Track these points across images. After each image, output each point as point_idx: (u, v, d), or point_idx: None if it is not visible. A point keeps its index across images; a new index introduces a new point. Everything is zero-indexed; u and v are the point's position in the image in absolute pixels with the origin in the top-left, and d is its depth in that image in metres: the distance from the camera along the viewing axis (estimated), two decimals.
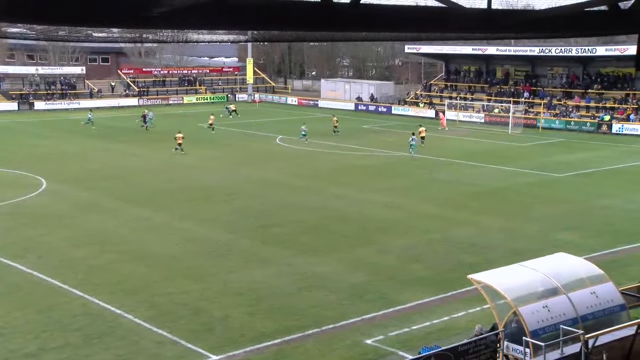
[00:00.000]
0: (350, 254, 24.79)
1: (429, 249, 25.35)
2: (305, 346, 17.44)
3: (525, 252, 22.57)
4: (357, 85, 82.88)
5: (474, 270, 18.59)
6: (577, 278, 16.23)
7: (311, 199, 33.17)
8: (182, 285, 21.49)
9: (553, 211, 31.16)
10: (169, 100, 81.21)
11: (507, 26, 7.40)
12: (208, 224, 28.66)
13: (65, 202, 32.59)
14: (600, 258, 22.95)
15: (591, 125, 59.93)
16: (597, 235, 27.19)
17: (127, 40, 11.61)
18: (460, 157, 45.24)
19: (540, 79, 69.12)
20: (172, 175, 38.80)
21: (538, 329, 14.60)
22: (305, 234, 27.31)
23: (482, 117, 65.11)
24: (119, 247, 25.44)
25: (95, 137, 53.26)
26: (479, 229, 27.94)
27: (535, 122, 61.78)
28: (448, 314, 19.32)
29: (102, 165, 41.62)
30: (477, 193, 34.90)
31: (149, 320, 18.72)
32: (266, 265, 23.49)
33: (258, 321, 18.83)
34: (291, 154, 47.19)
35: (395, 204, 32.23)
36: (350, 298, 20.54)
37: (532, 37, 10.37)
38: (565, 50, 63.35)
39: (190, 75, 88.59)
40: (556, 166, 42.42)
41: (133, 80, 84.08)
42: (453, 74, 76.18)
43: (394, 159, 45.19)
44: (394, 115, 71.50)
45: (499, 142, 53.32)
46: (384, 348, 17.33)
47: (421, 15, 7.05)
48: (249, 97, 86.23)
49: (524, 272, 16.26)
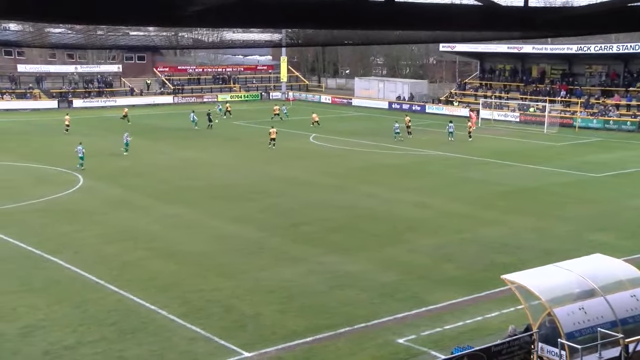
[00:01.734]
0: (381, 252, 24.70)
1: (460, 249, 25.14)
2: (336, 345, 17.42)
3: (559, 253, 22.27)
4: (391, 84, 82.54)
5: (506, 270, 18.38)
6: (615, 280, 15.90)
7: (341, 197, 33.14)
8: (214, 282, 21.63)
9: (588, 211, 30.68)
10: (203, 98, 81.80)
11: (544, 24, 7.28)
12: (238, 221, 28.80)
13: (99, 198, 33.02)
14: (638, 260, 22.50)
15: (632, 124, 58.74)
16: (633, 236, 26.69)
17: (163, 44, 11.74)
18: (494, 157, 44.79)
19: (577, 78, 67.98)
20: (202, 173, 39.06)
21: (574, 331, 14.35)
22: (335, 232, 27.29)
23: (517, 116, 64.34)
24: (150, 243, 25.70)
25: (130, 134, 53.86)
26: (511, 229, 27.62)
27: (572, 121, 60.84)
28: (481, 314, 19.14)
29: (134, 163, 42.07)
30: (509, 192, 34.52)
31: (181, 317, 18.88)
32: (297, 263, 23.52)
33: (289, 319, 18.87)
34: (324, 152, 47.18)
35: (426, 203, 32.03)
36: (381, 297, 20.47)
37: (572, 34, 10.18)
38: (605, 47, 62.10)
39: (225, 73, 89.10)
40: (592, 166, 41.75)
41: (168, 78, 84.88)
42: (488, 73, 75.43)
43: (426, 158, 44.90)
44: (427, 114, 71.07)
45: (534, 142, 52.66)
46: (415, 347, 17.24)
47: (457, 14, 6.97)
48: (283, 96, 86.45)
49: (559, 273, 16.01)
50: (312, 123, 58.21)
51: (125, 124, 58.06)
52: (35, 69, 79.74)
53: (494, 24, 7.09)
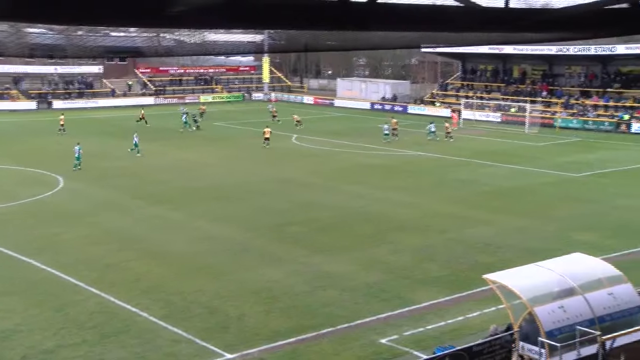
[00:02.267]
0: (366, 253, 24.76)
1: (445, 249, 25.26)
2: (319, 345, 17.45)
3: (542, 252, 22.42)
4: (373, 85, 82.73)
5: (489, 270, 18.49)
6: (594, 279, 16.10)
7: (327, 198, 33.17)
8: (198, 283, 21.57)
9: (570, 211, 30.94)
10: (185, 99, 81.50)
11: (525, 25, 7.35)
12: (224, 222, 28.75)
13: (81, 200, 32.81)
14: (618, 259, 22.74)
15: (609, 124, 59.44)
16: (614, 235, 26.96)
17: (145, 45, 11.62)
18: (477, 157, 45.04)
19: (557, 78, 68.62)
20: (187, 174, 38.96)
21: (554, 330, 14.50)
22: (320, 233, 27.32)
23: (498, 117, 64.76)
24: (135, 245, 25.58)
25: (112, 136, 53.58)
26: (495, 229, 27.80)
27: (552, 121, 61.35)
28: (463, 314, 19.25)
29: (118, 164, 41.84)
30: (493, 192, 34.74)
31: (164, 319, 18.80)
32: (282, 264, 23.52)
33: (273, 320, 18.86)
34: (307, 153, 47.20)
35: (411, 203, 32.15)
36: (365, 297, 20.52)
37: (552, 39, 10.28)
38: (584, 49, 62.77)
39: (207, 74, 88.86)
40: (573, 166, 42.12)
41: (150, 79, 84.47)
42: (469, 73, 75.84)
43: (410, 158, 45.06)
44: (410, 114, 71.32)
45: (516, 142, 53.02)
46: (398, 347, 17.30)
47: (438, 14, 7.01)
48: (265, 97, 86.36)
49: (540, 272, 16.17)
50: (295, 124, 58.30)
51: (141, 126, 57.04)
52: (13, 70, 78.83)
53: (474, 25, 7.15)
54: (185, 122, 56.70)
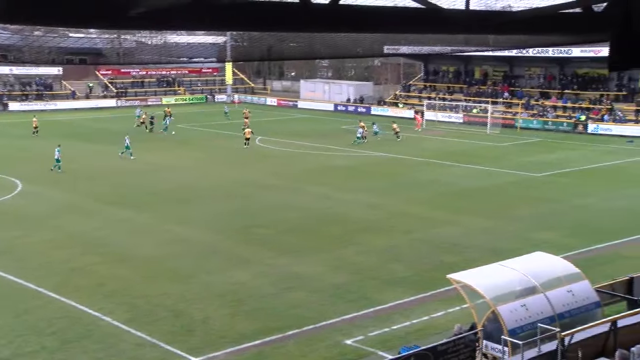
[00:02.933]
0: (332, 254, 24.81)
1: (410, 249, 25.44)
2: (285, 347, 17.44)
3: (505, 252, 22.72)
4: (336, 86, 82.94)
5: (454, 270, 18.67)
6: (555, 277, 16.42)
7: (293, 199, 33.16)
8: (163, 287, 21.38)
9: (531, 211, 31.42)
10: (148, 101, 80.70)
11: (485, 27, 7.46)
12: (189, 225, 28.54)
13: (43, 203, 32.27)
14: (577, 257, 23.19)
15: (568, 125, 60.58)
16: (574, 234, 27.46)
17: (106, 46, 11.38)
18: (440, 157, 45.46)
19: (518, 80, 69.67)
20: (153, 177, 38.60)
21: (516, 328, 14.73)
22: (287, 234, 27.29)
23: (460, 118, 65.49)
24: (99, 249, 25.24)
25: (72, 138, 52.79)
26: (459, 229, 28.09)
27: (514, 122, 62.27)
28: (428, 314, 19.40)
29: (80, 167, 41.23)
30: (456, 193, 35.10)
31: (128, 323, 18.59)
32: (248, 266, 23.44)
33: (239, 322, 18.79)
34: (272, 154, 47.14)
35: (377, 204, 32.32)
36: (331, 298, 20.56)
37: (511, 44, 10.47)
38: (542, 51, 63.86)
39: (169, 76, 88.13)
40: (534, 166, 42.78)
41: (111, 81, 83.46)
42: (432, 75, 76.53)
43: (374, 159, 45.30)
44: (373, 115, 71.63)
45: (478, 142, 53.65)
46: (364, 348, 17.37)
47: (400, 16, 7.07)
48: (228, 98, 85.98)
49: (503, 272, 16.40)
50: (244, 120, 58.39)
51: (139, 130, 56.32)
52: None
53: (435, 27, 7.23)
54: (163, 126, 56.35)
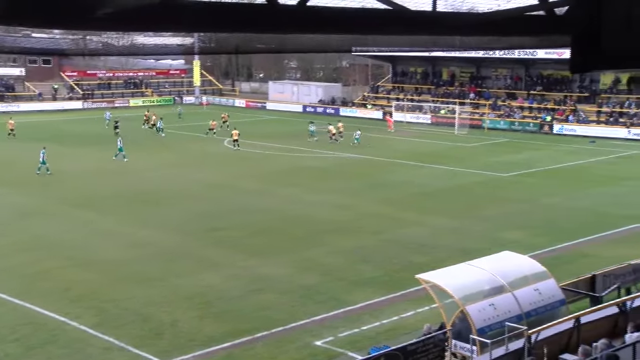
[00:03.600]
0: (301, 255, 24.79)
1: (379, 250, 25.53)
2: (255, 349, 17.37)
3: (473, 251, 22.92)
4: (304, 87, 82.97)
5: (423, 270, 18.79)
6: (522, 276, 16.62)
7: (261, 201, 33.06)
8: (130, 290, 21.15)
9: (499, 210, 31.75)
10: (115, 103, 79.86)
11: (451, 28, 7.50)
12: (157, 227, 28.29)
13: (6, 207, 31.72)
14: (543, 255, 23.49)
15: (534, 125, 61.43)
16: (540, 233, 27.82)
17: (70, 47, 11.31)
18: (409, 158, 45.71)
19: (485, 81, 70.43)
20: (119, 179, 38.19)
21: (485, 327, 14.87)
22: (255, 236, 27.20)
23: (429, 118, 65.96)
24: (64, 252, 24.88)
25: (38, 140, 52.01)
26: (428, 229, 28.27)
27: (481, 122, 62.91)
28: (397, 314, 19.48)
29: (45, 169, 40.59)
30: (425, 193, 35.33)
31: (95, 327, 18.36)
32: (216, 268, 23.31)
33: (207, 325, 18.67)
34: (241, 156, 46.95)
35: (345, 205, 32.38)
36: (300, 300, 20.54)
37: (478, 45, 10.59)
38: (509, 52, 64.59)
39: (136, 77, 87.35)
40: (501, 166, 43.25)
41: (77, 82, 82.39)
42: (400, 76, 76.96)
43: (343, 160, 45.39)
44: (342, 116, 71.78)
45: (446, 143, 54.08)
46: (333, 349, 17.38)
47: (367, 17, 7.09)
48: (197, 100, 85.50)
49: (471, 271, 16.55)
50: (222, 124, 58.11)
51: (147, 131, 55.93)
52: None
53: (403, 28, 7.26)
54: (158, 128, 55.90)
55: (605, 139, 55.32)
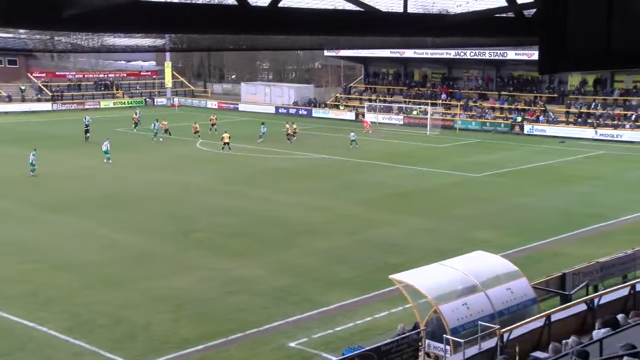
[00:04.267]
0: (275, 257, 24.74)
1: (353, 250, 25.57)
2: (229, 351, 17.30)
3: (446, 251, 23.06)
4: (277, 89, 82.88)
5: (396, 270, 18.87)
6: (494, 275, 16.77)
7: (234, 203, 32.94)
8: (102, 293, 20.93)
9: (471, 211, 31.99)
10: (85, 105, 78.99)
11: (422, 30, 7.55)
12: (129, 230, 28.04)
13: None
14: (515, 255, 23.74)
15: (505, 126, 62.05)
16: (512, 233, 28.09)
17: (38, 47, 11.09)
18: (381, 159, 45.86)
19: (456, 81, 70.98)
20: (91, 182, 37.78)
21: (458, 326, 14.97)
22: (228, 238, 27.09)
23: (401, 119, 66.29)
24: (34, 256, 24.54)
25: (5, 143, 51.29)
26: (401, 230, 28.38)
27: (453, 123, 63.37)
28: (371, 315, 19.53)
29: (15, 172, 40.05)
30: (398, 194, 35.47)
31: (65, 332, 18.12)
32: (189, 271, 23.17)
33: (181, 328, 18.55)
34: (212, 158, 46.74)
35: (319, 206, 32.39)
36: (274, 301, 20.49)
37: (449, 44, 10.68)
38: (480, 53, 65.27)
39: (107, 79, 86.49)
40: (473, 166, 43.59)
41: (45, 84, 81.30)
42: (372, 77, 77.22)
43: (316, 162, 45.41)
44: (314, 117, 71.87)
45: (418, 144, 54.37)
46: (308, 350, 17.37)
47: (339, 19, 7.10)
48: (168, 102, 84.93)
49: (444, 271, 16.65)
50: (211, 127, 57.42)
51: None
52: None
53: (375, 30, 7.28)
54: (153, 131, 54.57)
55: (574, 139, 56.09)
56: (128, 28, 6.29)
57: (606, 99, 60.97)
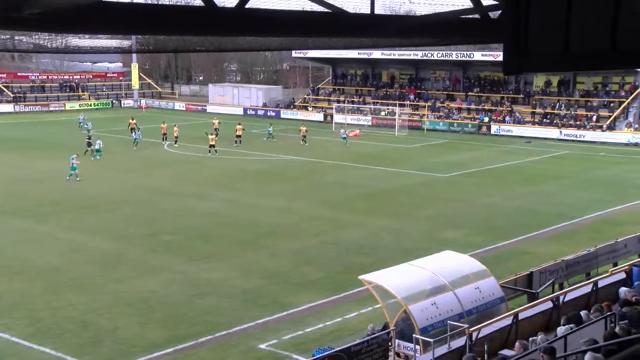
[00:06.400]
0: (243, 259, 24.64)
1: (320, 252, 25.57)
2: (198, 354, 17.17)
3: (414, 251, 23.19)
4: (245, 90, 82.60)
5: (365, 271, 18.90)
6: (463, 275, 16.89)
7: (202, 205, 32.73)
8: (68, 298, 20.62)
9: (439, 210, 32.22)
10: (50, 106, 77.81)
11: (389, 31, 7.57)
12: (95, 233, 27.68)
13: None
14: (483, 254, 23.96)
15: (472, 126, 62.65)
16: (479, 232, 28.36)
17: None
18: (349, 160, 45.97)
19: (424, 82, 71.49)
20: (55, 185, 37.22)
21: (427, 326, 15.05)
22: (196, 240, 26.90)
23: (369, 120, 66.52)
24: None
25: None
26: (369, 230, 28.46)
27: (421, 124, 63.78)
28: (341, 315, 19.54)
29: None
30: (366, 195, 35.57)
31: (29, 338, 17.80)
32: (157, 273, 22.95)
33: (149, 331, 18.36)
34: (181, 160, 46.39)
35: (286, 208, 32.33)
36: (243, 303, 20.40)
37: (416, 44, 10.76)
38: (447, 54, 65.83)
39: (72, 80, 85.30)
40: (441, 167, 43.91)
41: (7, 85, 79.85)
42: (340, 78, 77.40)
43: (284, 163, 45.34)
44: (282, 119, 71.77)
45: (387, 144, 54.59)
46: (277, 352, 17.32)
47: (307, 20, 7.09)
48: (135, 103, 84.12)
49: (413, 271, 16.73)
50: (214, 130, 56.15)
51: None
52: None
53: (342, 31, 7.29)
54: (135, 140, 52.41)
55: (539, 139, 56.89)
56: (91, 28, 6.20)
57: (569, 100, 61.94)
